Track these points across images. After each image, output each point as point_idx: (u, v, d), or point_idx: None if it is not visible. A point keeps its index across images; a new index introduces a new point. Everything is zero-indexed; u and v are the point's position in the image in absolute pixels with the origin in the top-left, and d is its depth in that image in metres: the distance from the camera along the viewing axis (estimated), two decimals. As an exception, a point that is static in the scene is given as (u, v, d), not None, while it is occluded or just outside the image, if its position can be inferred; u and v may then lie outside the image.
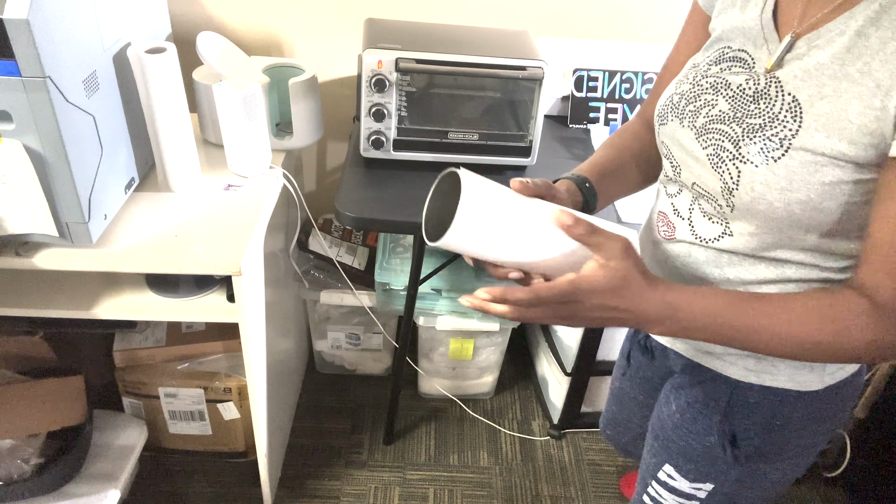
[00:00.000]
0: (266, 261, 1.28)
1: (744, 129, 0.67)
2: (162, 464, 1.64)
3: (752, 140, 0.65)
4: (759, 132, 0.65)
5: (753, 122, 0.66)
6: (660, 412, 0.94)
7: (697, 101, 0.73)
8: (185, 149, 1.19)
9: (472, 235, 0.63)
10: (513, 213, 0.64)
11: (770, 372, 0.78)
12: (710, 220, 0.74)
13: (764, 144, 0.64)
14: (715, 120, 0.70)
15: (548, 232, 0.64)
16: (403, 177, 1.36)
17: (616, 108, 1.57)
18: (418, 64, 1.25)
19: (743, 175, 0.66)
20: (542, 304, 0.61)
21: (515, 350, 2.03)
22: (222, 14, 1.59)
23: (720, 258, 0.75)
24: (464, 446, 1.78)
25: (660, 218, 0.83)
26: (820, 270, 0.71)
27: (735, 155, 0.67)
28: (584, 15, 1.64)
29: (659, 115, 0.79)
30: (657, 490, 0.94)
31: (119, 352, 1.47)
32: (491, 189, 0.64)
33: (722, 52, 0.73)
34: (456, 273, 1.60)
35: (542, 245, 0.65)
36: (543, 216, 0.65)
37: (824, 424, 0.82)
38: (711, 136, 0.70)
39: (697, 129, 0.72)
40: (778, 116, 0.64)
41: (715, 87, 0.71)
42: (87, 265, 1.07)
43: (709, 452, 0.85)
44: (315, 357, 1.93)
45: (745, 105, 0.67)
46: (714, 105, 0.71)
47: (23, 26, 0.83)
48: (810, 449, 0.85)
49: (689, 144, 0.73)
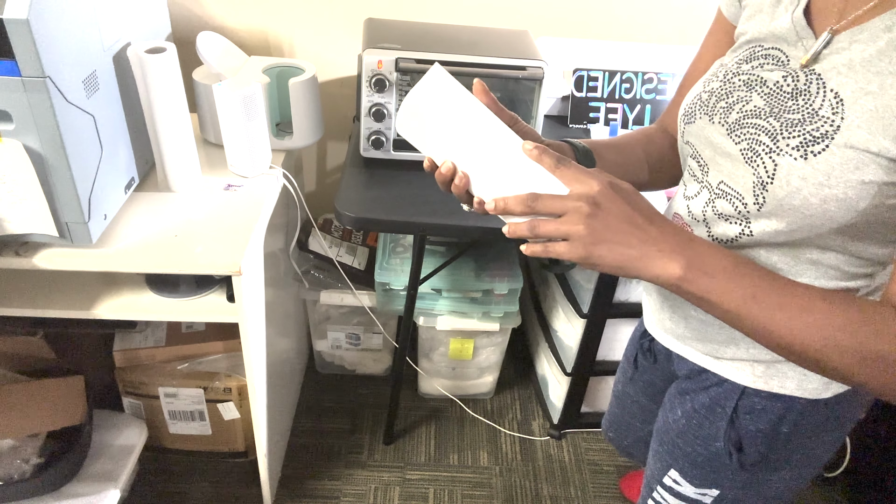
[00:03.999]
0: (266, 261, 1.28)
1: (782, 123, 0.65)
2: (162, 464, 1.64)
3: (791, 134, 0.63)
4: (799, 126, 0.63)
5: (792, 117, 0.64)
6: (665, 418, 0.93)
7: (730, 98, 0.71)
8: (185, 149, 1.19)
9: (421, 122, 0.64)
10: (467, 114, 0.65)
11: (778, 378, 0.77)
12: (727, 221, 0.72)
13: (804, 139, 0.62)
14: (749, 115, 0.68)
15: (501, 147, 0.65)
16: (403, 177, 1.36)
17: (616, 108, 1.57)
18: (418, 64, 1.25)
19: (780, 168, 0.64)
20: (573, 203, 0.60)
21: (515, 350, 2.03)
22: (222, 14, 1.59)
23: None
24: (464, 446, 1.78)
25: (675, 219, 0.81)
26: (840, 277, 0.70)
27: (772, 148, 0.65)
28: (584, 15, 1.64)
29: (685, 115, 0.77)
30: (662, 496, 0.94)
31: (119, 352, 1.47)
32: (453, 88, 0.65)
33: (753, 51, 0.71)
34: (456, 273, 1.60)
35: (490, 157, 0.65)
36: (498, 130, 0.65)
37: (832, 434, 0.82)
38: (746, 130, 0.68)
39: (730, 124, 0.70)
40: (818, 112, 0.62)
41: (748, 83, 0.70)
42: (87, 265, 1.07)
43: (715, 458, 0.85)
44: (315, 357, 1.93)
45: (782, 101, 0.66)
46: (748, 101, 0.69)
47: (23, 26, 0.83)
48: (817, 458, 0.84)
49: (720, 140, 0.71)
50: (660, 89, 1.56)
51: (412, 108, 0.65)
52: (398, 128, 0.67)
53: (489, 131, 0.65)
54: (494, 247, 1.68)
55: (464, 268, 1.62)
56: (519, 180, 0.64)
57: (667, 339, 0.90)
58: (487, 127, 0.65)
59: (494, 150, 0.65)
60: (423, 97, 0.64)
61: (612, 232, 0.60)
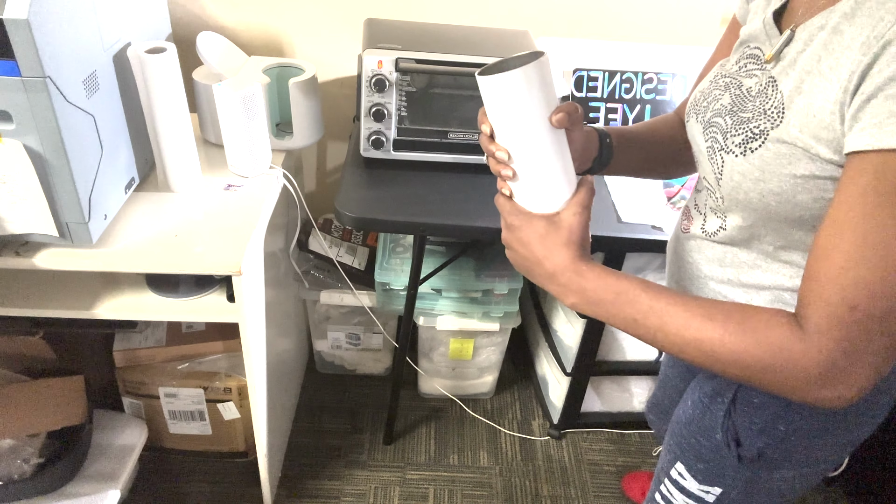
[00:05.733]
0: (266, 261, 1.28)
1: (734, 121, 0.69)
2: (162, 464, 1.64)
3: (736, 132, 0.68)
4: (745, 125, 0.67)
5: (744, 115, 0.68)
6: (678, 408, 0.95)
7: (708, 98, 0.76)
8: (185, 149, 1.19)
9: (505, 97, 0.66)
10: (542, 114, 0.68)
11: None
12: (714, 214, 0.77)
13: (745, 136, 0.66)
14: (716, 114, 0.73)
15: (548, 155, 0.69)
16: (403, 177, 1.36)
17: (616, 108, 1.57)
18: (418, 64, 1.25)
19: (725, 165, 0.69)
20: (504, 214, 0.73)
21: (515, 350, 2.03)
22: (222, 14, 1.59)
23: (724, 257, 0.77)
24: (464, 446, 1.78)
25: (684, 212, 0.87)
26: None
27: (722, 146, 0.70)
28: (584, 15, 1.64)
29: (686, 113, 0.82)
30: (669, 489, 0.94)
31: (119, 352, 1.47)
32: (547, 83, 0.67)
33: (742, 52, 0.75)
34: (456, 273, 1.61)
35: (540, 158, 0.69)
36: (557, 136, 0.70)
37: (835, 438, 0.81)
38: (712, 128, 0.73)
39: (704, 123, 0.75)
40: (766, 112, 0.65)
41: (727, 85, 0.74)
42: (87, 265, 1.07)
43: (716, 452, 0.85)
44: (315, 357, 1.93)
45: (744, 101, 0.69)
46: (718, 100, 0.74)
47: (23, 26, 0.83)
48: (820, 462, 0.84)
49: (699, 139, 0.76)
50: (660, 89, 1.56)
51: (510, 82, 0.65)
52: (485, 82, 0.66)
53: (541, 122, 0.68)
54: (494, 247, 1.68)
55: (464, 268, 1.62)
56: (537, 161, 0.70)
57: None
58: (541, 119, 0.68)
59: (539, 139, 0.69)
60: (524, 77, 0.65)
61: (518, 259, 0.73)
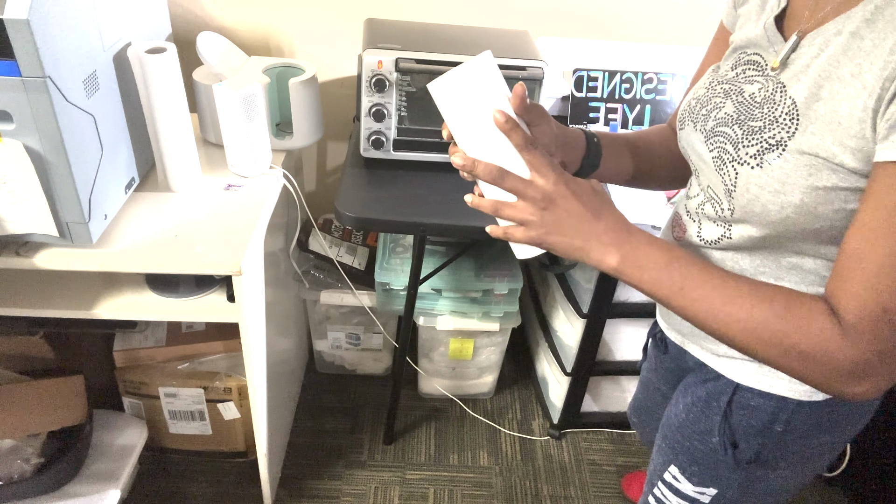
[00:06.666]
0: (266, 261, 1.28)
1: (744, 131, 0.67)
2: (162, 464, 1.64)
3: (749, 143, 0.66)
4: (758, 134, 0.65)
5: (754, 125, 0.66)
6: (669, 411, 0.94)
7: (708, 105, 0.74)
8: (185, 149, 1.19)
9: (452, 99, 0.67)
10: (490, 107, 0.66)
11: (769, 377, 0.78)
12: (713, 223, 0.75)
13: (760, 147, 0.64)
14: (721, 123, 0.71)
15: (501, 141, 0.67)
16: (403, 177, 1.36)
17: (616, 109, 1.57)
18: (418, 64, 1.25)
19: (740, 177, 0.67)
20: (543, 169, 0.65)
21: (515, 350, 2.03)
22: (222, 14, 1.59)
23: (724, 263, 0.76)
24: (464, 446, 1.78)
25: (675, 219, 0.84)
26: (820, 283, 0.70)
27: (734, 157, 0.67)
28: (584, 15, 1.64)
29: (679, 121, 0.80)
30: (663, 492, 0.94)
31: (119, 352, 1.47)
32: (492, 79, 0.66)
33: (738, 58, 0.74)
34: (456, 273, 1.61)
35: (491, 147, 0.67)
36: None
37: (828, 436, 0.81)
38: (717, 138, 0.71)
39: (707, 132, 0.73)
40: (778, 120, 0.63)
41: (727, 92, 0.72)
42: (87, 265, 1.07)
43: (712, 454, 0.85)
44: (315, 357, 1.93)
45: (750, 109, 0.67)
46: (721, 109, 0.72)
47: (23, 26, 0.83)
48: (814, 460, 0.84)
49: (700, 148, 0.74)
50: (660, 89, 1.56)
51: (451, 83, 0.67)
52: (432, 89, 0.68)
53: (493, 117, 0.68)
54: (494, 247, 1.68)
55: (464, 268, 1.62)
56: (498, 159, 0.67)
57: (672, 333, 0.92)
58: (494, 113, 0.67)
59: (494, 135, 0.67)
60: (464, 76, 0.66)
61: (561, 225, 0.66)
